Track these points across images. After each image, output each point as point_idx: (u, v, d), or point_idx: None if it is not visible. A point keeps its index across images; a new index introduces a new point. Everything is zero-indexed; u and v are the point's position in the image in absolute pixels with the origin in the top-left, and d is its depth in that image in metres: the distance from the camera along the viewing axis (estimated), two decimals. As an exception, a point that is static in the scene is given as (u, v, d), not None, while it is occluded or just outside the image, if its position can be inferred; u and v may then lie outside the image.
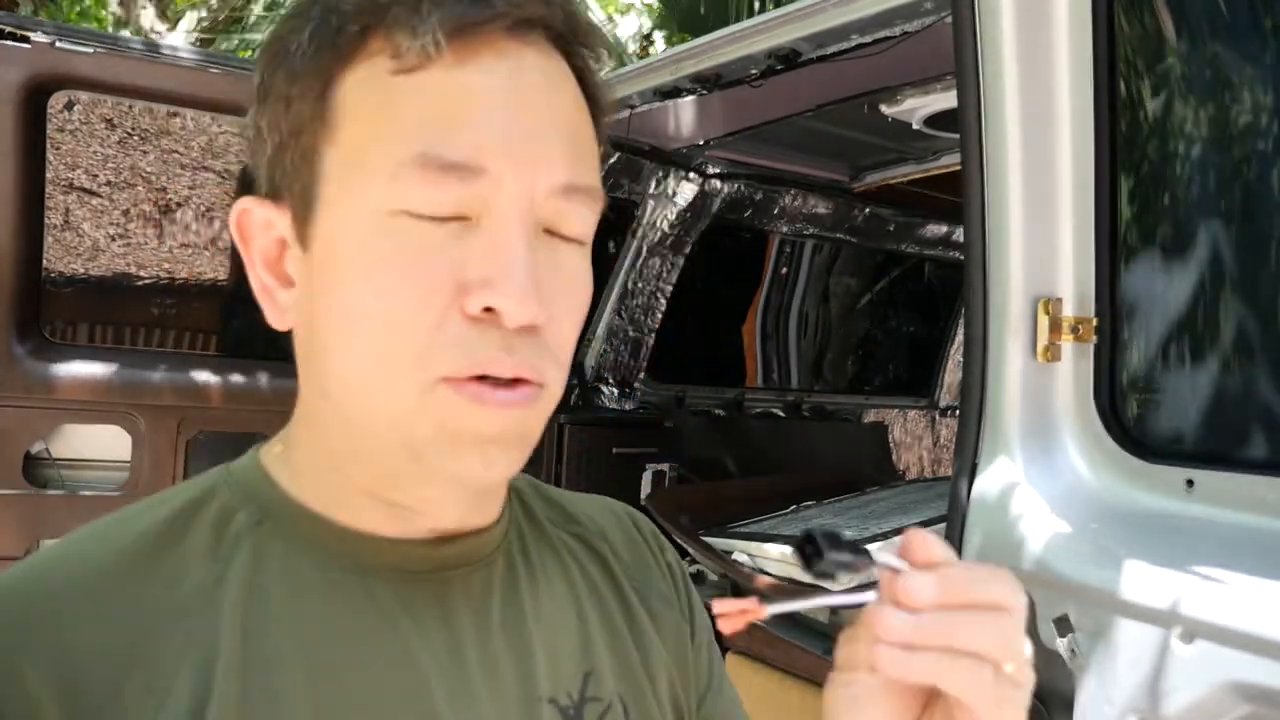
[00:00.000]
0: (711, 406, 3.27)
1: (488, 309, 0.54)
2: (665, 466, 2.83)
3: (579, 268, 0.61)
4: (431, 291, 0.55)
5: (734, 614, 0.54)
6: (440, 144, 0.54)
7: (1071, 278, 1.32)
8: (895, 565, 0.53)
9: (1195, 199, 1.33)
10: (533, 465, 0.62)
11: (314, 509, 0.61)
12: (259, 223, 0.61)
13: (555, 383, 0.60)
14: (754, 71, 2.15)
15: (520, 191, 0.56)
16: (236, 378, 2.43)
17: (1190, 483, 1.21)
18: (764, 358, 3.57)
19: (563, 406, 3.07)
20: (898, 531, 1.94)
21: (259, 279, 0.62)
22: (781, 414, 3.40)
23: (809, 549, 0.51)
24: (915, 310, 3.89)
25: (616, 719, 0.65)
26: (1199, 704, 1.08)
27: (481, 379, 0.55)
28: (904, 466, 3.77)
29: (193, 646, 0.54)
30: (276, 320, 0.62)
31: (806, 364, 3.66)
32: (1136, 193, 1.35)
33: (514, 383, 0.56)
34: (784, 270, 3.50)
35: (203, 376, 2.39)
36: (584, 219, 0.60)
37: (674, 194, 3.03)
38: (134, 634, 0.54)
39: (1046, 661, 1.27)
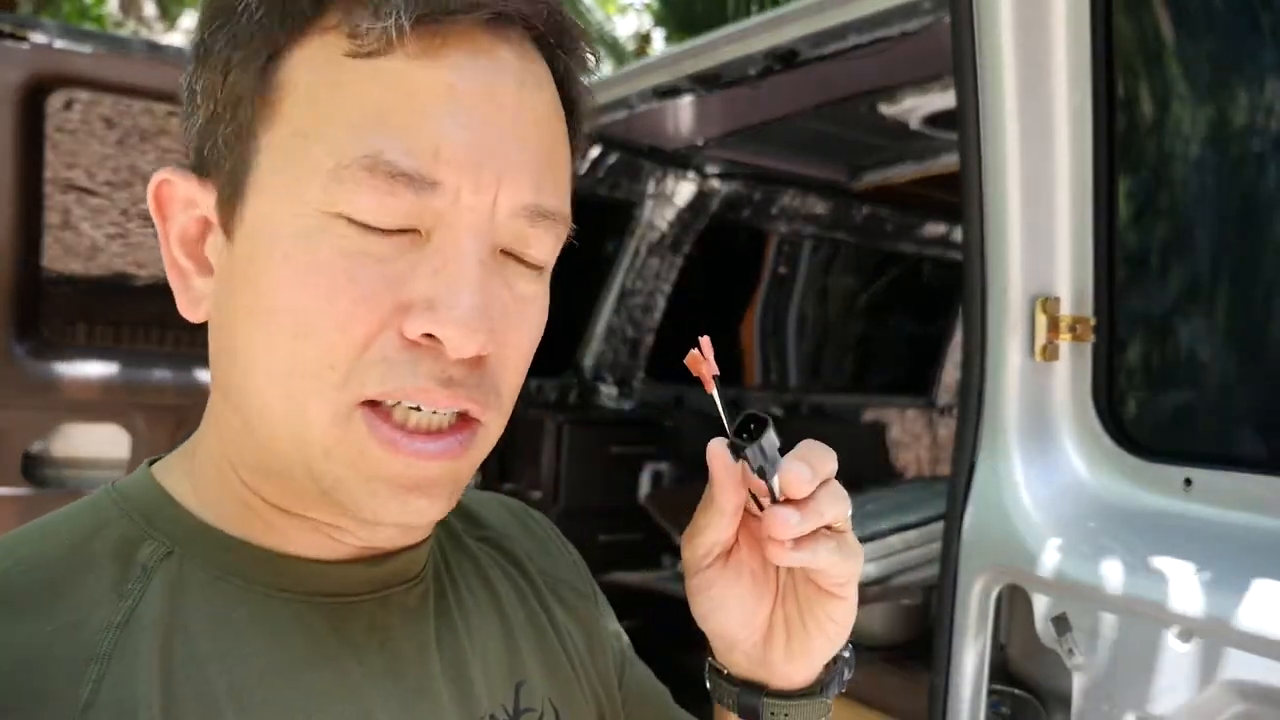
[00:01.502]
0: (710, 407, 3.27)
1: (429, 335, 0.49)
2: (664, 466, 2.83)
3: (536, 297, 0.55)
4: (365, 305, 0.49)
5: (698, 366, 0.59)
6: (392, 147, 0.48)
7: (1069, 277, 1.32)
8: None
9: (1193, 199, 1.33)
10: (532, 466, 0.61)
11: (229, 532, 0.54)
12: (180, 198, 0.54)
13: (494, 423, 0.55)
14: (753, 71, 2.15)
15: (479, 208, 0.50)
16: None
17: (1188, 481, 1.21)
18: (763, 357, 3.57)
19: (561, 406, 3.07)
20: (895, 530, 1.95)
21: (173, 259, 0.55)
22: (780, 413, 3.40)
23: (749, 430, 0.56)
24: (913, 310, 3.89)
25: None
26: (1196, 702, 1.08)
27: (401, 418, 0.50)
28: (902, 466, 3.77)
29: (104, 699, 0.47)
30: (189, 310, 0.55)
31: (805, 363, 3.66)
32: (1134, 192, 1.36)
33: (455, 424, 0.52)
34: (782, 270, 3.50)
35: (203, 375, 2.39)
36: (547, 245, 0.54)
37: (673, 194, 3.03)
38: (28, 686, 0.46)
39: (1044, 660, 1.27)
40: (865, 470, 3.01)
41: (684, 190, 3.01)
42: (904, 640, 1.92)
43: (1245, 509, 1.16)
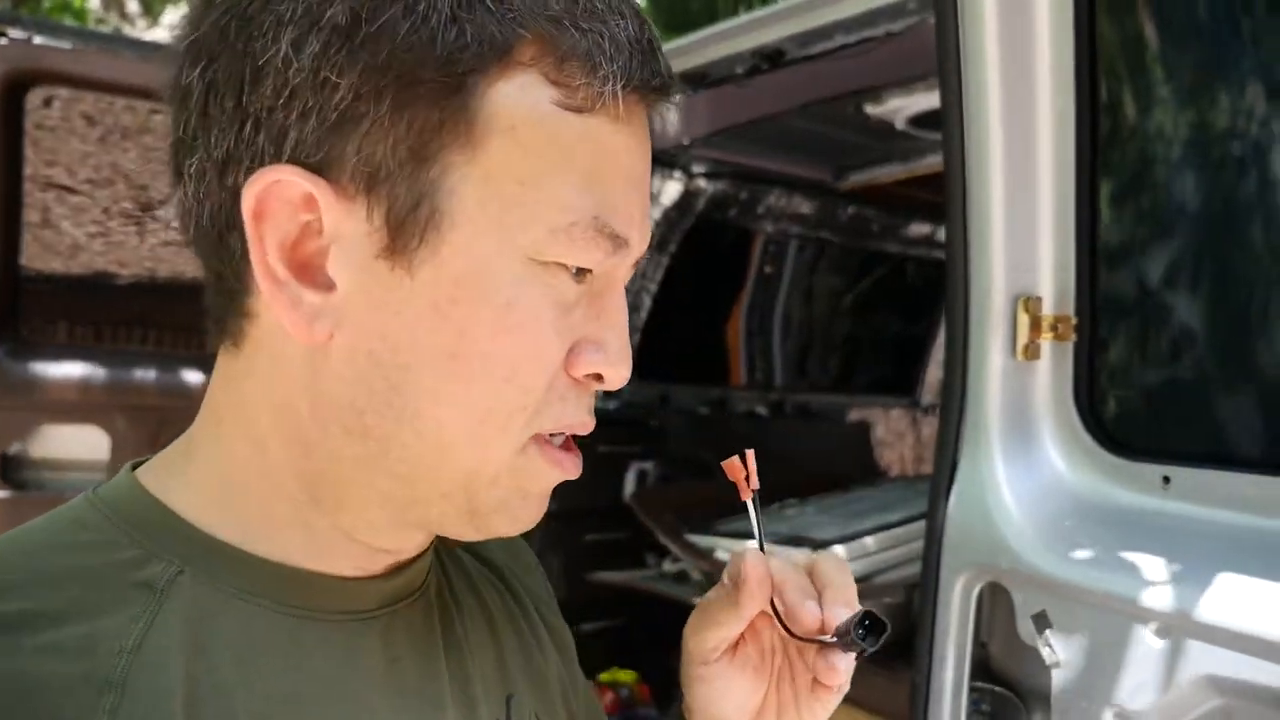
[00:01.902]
0: (696, 405, 3.28)
1: (594, 374, 0.54)
2: (649, 465, 2.83)
3: None
4: (559, 349, 0.52)
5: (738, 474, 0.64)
6: (610, 210, 0.51)
7: (1051, 276, 1.33)
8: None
9: (1173, 201, 1.35)
10: None
11: (244, 548, 0.52)
12: (293, 200, 0.48)
13: None
14: (740, 70, 2.16)
15: (634, 263, 0.56)
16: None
17: (1167, 479, 1.22)
18: (748, 357, 3.58)
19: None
20: (880, 529, 1.96)
21: (269, 269, 0.49)
22: (765, 413, 3.41)
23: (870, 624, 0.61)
24: (898, 309, 3.91)
25: None
26: (1173, 698, 1.09)
27: (564, 438, 0.56)
28: (887, 464, 3.79)
29: None
30: (301, 328, 0.49)
31: (790, 363, 3.67)
32: (1115, 194, 1.37)
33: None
34: (768, 269, 3.51)
35: (184, 376, 2.38)
36: None
37: (659, 193, 3.03)
38: (33, 717, 0.43)
39: (1024, 657, 1.28)
40: (850, 469, 3.02)
41: (670, 189, 3.01)
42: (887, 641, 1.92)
43: (1223, 506, 1.17)
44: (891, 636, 0.60)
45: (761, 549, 0.63)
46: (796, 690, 0.66)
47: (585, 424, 0.56)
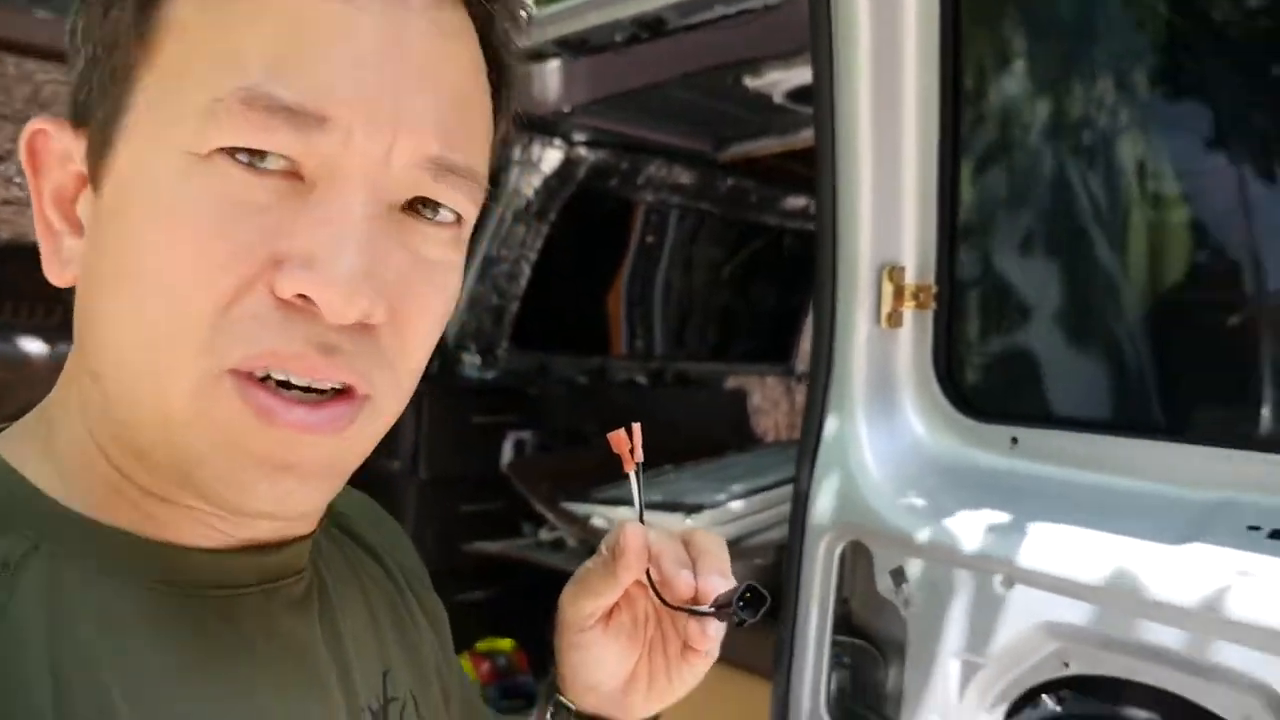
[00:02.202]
0: (575, 375, 3.28)
1: (303, 296, 0.44)
2: (527, 435, 2.82)
3: (446, 262, 0.50)
4: (235, 258, 0.43)
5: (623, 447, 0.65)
6: (275, 79, 0.43)
7: (914, 247, 1.39)
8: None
9: (1024, 181, 1.43)
10: (391, 436, 0.54)
11: (103, 521, 0.48)
12: (56, 151, 0.49)
13: (388, 396, 0.49)
14: (619, 38, 2.15)
15: (372, 154, 0.45)
16: (66, 348, 2.26)
17: (1014, 440, 1.30)
18: (629, 326, 3.60)
19: (423, 375, 3.00)
20: (751, 493, 2.01)
21: (45, 220, 0.50)
22: (645, 382, 3.44)
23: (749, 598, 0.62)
24: (774, 280, 4.00)
25: (410, 716, 0.64)
26: (1015, 643, 1.17)
27: (283, 385, 0.45)
28: (763, 431, 3.89)
29: None
30: (55, 273, 0.49)
31: (669, 332, 3.71)
32: (974, 172, 1.44)
33: (336, 394, 0.46)
34: (649, 239, 3.53)
35: (27, 346, 2.22)
36: (458, 204, 0.49)
37: (539, 160, 2.99)
38: None
39: (882, 611, 1.35)
40: (727, 436, 3.09)
41: (551, 157, 2.99)
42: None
43: (1064, 464, 1.26)
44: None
45: (641, 521, 0.64)
46: (668, 657, 0.68)
47: (298, 357, 0.44)
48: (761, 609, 0.62)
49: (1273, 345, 1.24)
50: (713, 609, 0.63)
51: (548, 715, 0.71)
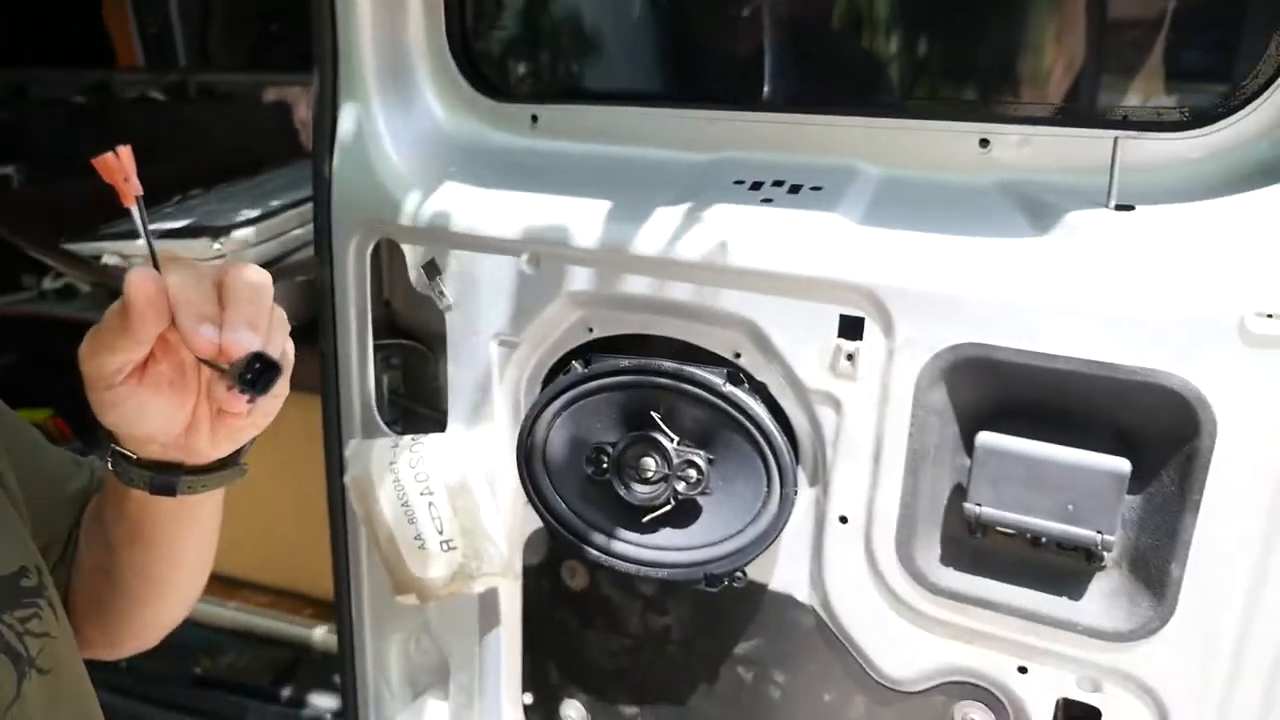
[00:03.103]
0: (68, 94, 2.72)
1: None
2: (9, 169, 2.32)
3: None
4: None
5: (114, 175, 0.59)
6: None
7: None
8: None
9: None
10: None
11: None
12: None
13: None
14: None
15: None
16: None
17: (535, 118, 1.27)
18: (141, 31, 3.03)
19: None
20: (288, 207, 1.84)
21: None
22: (163, 98, 2.95)
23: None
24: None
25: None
26: (545, 318, 1.20)
27: None
28: (309, 144, 3.56)
29: None
30: None
31: (192, 39, 3.17)
32: None
33: None
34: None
35: None
36: None
37: None
38: None
39: (423, 306, 1.32)
40: (268, 153, 2.78)
41: None
42: (305, 319, 1.88)
43: (582, 139, 1.26)
44: (310, 315, 0.58)
45: (155, 263, 0.58)
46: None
47: None
48: (271, 383, 0.58)
49: (748, 14, 1.29)
50: (229, 371, 0.58)
51: (108, 466, 0.71)
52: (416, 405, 1.44)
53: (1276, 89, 0.90)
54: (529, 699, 1.39)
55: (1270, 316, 0.85)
